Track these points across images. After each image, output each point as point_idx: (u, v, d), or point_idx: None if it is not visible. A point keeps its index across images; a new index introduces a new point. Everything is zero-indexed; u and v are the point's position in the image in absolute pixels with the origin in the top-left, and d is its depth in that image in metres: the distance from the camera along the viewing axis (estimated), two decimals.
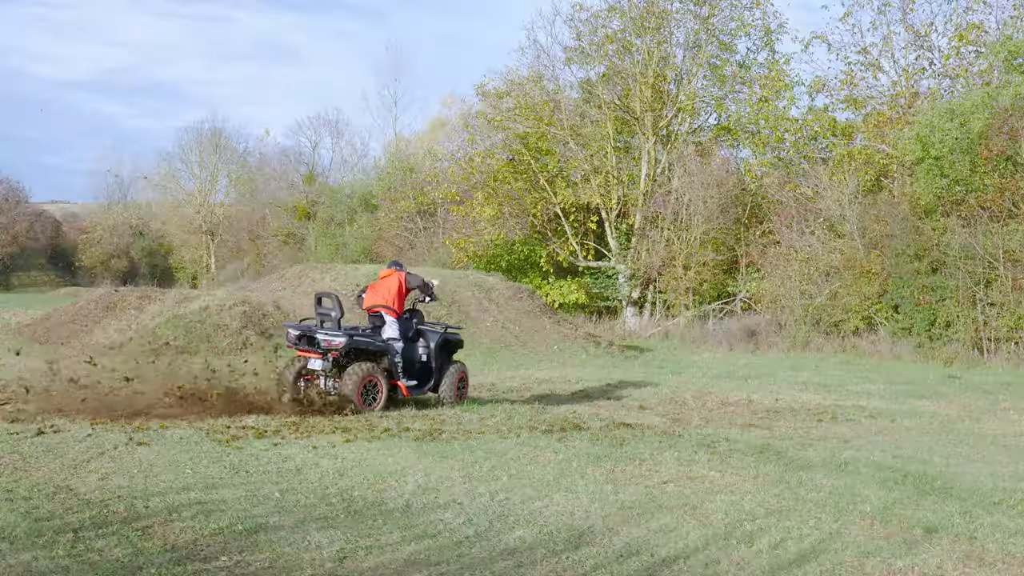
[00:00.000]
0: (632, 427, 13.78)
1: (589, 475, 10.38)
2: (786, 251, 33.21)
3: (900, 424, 15.48)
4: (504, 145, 40.10)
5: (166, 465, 10.34)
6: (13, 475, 9.66)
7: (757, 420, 15.43)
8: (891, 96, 36.40)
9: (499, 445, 12.03)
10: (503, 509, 8.82)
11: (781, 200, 35.45)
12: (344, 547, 7.51)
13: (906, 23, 36.17)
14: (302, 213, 59.52)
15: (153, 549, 7.33)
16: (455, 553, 7.50)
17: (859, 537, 8.20)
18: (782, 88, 38.73)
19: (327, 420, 13.56)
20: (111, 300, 27.30)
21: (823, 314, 30.82)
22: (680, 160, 37.83)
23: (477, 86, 42.53)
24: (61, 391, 14.54)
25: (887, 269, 29.78)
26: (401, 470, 10.37)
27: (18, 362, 18.46)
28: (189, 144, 68.98)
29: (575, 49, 40.48)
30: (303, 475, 10.06)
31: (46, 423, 12.51)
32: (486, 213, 39.39)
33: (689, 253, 36.41)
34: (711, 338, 31.79)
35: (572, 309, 37.99)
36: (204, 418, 13.25)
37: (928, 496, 9.81)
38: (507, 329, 27.47)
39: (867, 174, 34.23)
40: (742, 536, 8.12)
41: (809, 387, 20.76)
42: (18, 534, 7.57)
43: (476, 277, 31.39)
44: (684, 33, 39.66)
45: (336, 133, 64.96)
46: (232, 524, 7.99)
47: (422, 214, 48.27)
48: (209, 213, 67.82)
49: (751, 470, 10.85)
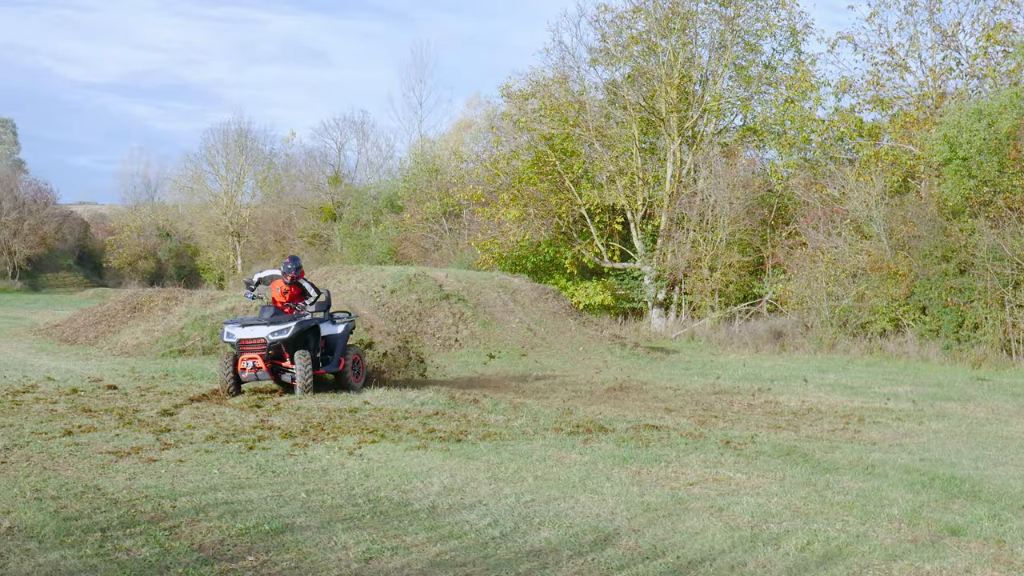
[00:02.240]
0: (658, 429, 13.76)
1: (615, 476, 10.37)
2: (812, 252, 33.05)
3: (928, 427, 15.39)
4: (529, 146, 40.09)
5: (193, 465, 10.39)
6: (42, 474, 9.73)
7: (783, 422, 15.38)
8: (918, 96, 36.18)
9: (525, 446, 12.03)
10: (529, 510, 8.83)
11: (807, 201, 35.28)
12: (370, 547, 7.53)
13: (933, 23, 35.96)
14: (328, 214, 59.67)
15: (180, 549, 7.37)
16: (481, 554, 7.51)
17: (886, 540, 8.16)
18: (808, 89, 38.55)
19: (353, 422, 13.61)
20: (138, 301, 27.46)
21: (850, 316, 30.67)
22: (706, 161, 37.73)
23: (502, 87, 42.55)
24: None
25: (914, 270, 29.60)
26: (427, 471, 10.38)
27: (47, 363, 18.58)
28: (215, 146, 69.30)
29: (600, 50, 40.45)
30: (329, 476, 10.09)
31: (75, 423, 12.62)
32: (511, 214, 39.39)
33: (715, 254, 36.31)
34: (737, 340, 31.69)
35: (597, 311, 37.93)
36: None
37: (956, 499, 9.76)
38: (532, 331, 27.47)
39: (894, 175, 34.04)
40: (768, 538, 8.09)
41: (836, 389, 20.67)
42: (47, 533, 7.63)
43: (501, 278, 31.40)
44: (709, 34, 39.59)
45: (362, 134, 65.16)
46: (259, 524, 8.02)
47: (447, 215, 48.31)
48: (235, 214, 68.07)
49: (777, 472, 10.82)
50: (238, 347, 16.31)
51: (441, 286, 28.16)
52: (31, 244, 65.93)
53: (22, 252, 65.64)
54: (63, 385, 16.98)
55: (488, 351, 25.11)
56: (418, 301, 27.19)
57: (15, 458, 10.51)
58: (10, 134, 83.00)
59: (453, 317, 26.84)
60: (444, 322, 26.56)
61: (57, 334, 26.96)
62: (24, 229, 65.49)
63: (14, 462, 10.30)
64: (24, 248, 65.61)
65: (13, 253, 65.51)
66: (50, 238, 67.93)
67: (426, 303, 27.17)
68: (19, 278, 65.54)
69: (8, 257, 65.64)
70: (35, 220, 66.40)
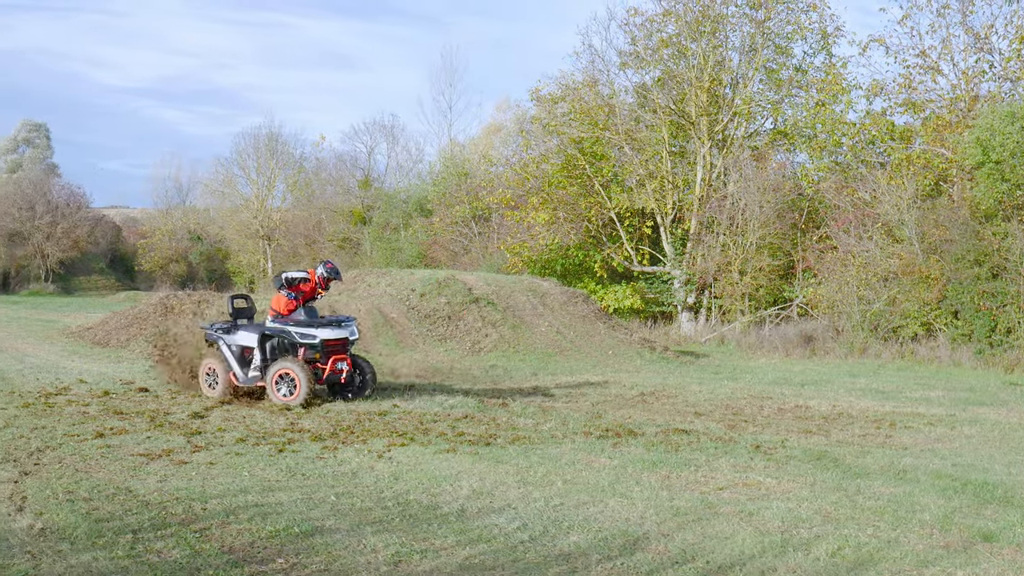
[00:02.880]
0: (687, 433, 13.72)
1: (644, 481, 10.35)
2: (843, 256, 32.88)
3: (960, 432, 15.28)
4: (559, 150, 40.07)
5: (223, 468, 10.44)
6: (74, 476, 9.81)
7: (814, 427, 15.30)
8: (950, 99, 35.93)
9: (554, 450, 12.03)
10: (557, 514, 8.82)
11: (838, 205, 35.10)
12: (399, 551, 7.55)
13: (966, 25, 35.68)
14: (357, 218, 59.81)
15: (211, 551, 7.41)
16: (509, 558, 7.51)
17: (918, 546, 8.11)
18: (839, 92, 38.33)
19: (382, 425, 13.65)
20: (169, 304, 27.62)
21: (881, 320, 30.48)
22: (736, 165, 37.60)
23: (532, 91, 42.60)
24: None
25: (946, 274, 29.40)
26: (456, 475, 10.40)
27: (79, 365, 18.72)
28: (246, 150, 69.53)
29: (630, 53, 40.37)
30: (358, 479, 10.12)
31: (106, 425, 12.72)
32: (541, 218, 39.38)
33: (745, 258, 36.18)
34: (767, 344, 31.56)
35: (627, 314, 37.87)
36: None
37: (988, 505, 9.68)
38: (562, 334, 27.45)
39: (926, 178, 33.82)
40: (798, 543, 8.06)
41: (867, 393, 20.55)
42: (79, 535, 7.69)
43: (530, 282, 31.39)
44: (740, 37, 39.43)
45: (392, 138, 65.25)
46: (288, 527, 8.06)
47: (477, 219, 48.34)
48: (266, 218, 68.31)
49: (808, 477, 10.77)
50: (322, 348, 15.82)
51: (470, 290, 28.18)
52: (64, 247, 66.49)
53: (55, 255, 66.21)
54: (95, 388, 17.11)
55: (517, 355, 25.11)
56: (447, 304, 27.22)
57: (48, 460, 10.59)
58: (43, 138, 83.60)
59: (482, 321, 26.85)
60: (473, 326, 26.58)
61: (89, 337, 27.15)
62: (57, 232, 66.07)
63: (47, 464, 10.39)
64: (57, 251, 66.18)
65: (46, 256, 66.10)
66: (83, 241, 68.45)
67: (455, 307, 27.19)
68: (52, 281, 66.12)
69: (41, 260, 66.24)
70: (68, 224, 66.94)
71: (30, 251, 66.11)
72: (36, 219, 65.82)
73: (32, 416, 13.61)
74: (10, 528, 7.86)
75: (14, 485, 9.35)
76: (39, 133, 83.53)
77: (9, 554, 7.21)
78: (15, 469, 10.09)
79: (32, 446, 11.35)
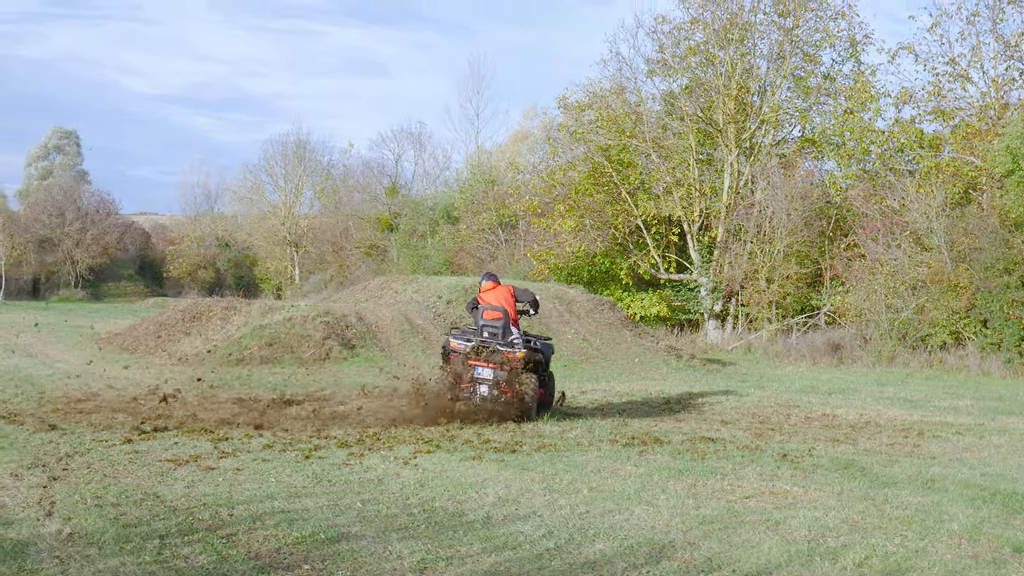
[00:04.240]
0: (714, 441, 13.68)
1: (670, 489, 10.32)
2: (871, 264, 32.73)
3: (989, 441, 15.17)
4: (586, 157, 40.08)
5: (250, 474, 10.48)
6: (102, 481, 9.87)
7: (841, 435, 15.22)
8: (980, 107, 35.75)
9: (580, 458, 12.02)
10: (583, 522, 8.81)
11: (866, 213, 34.96)
12: (425, 557, 7.55)
13: (996, 33, 35.53)
14: (385, 225, 59.94)
15: (237, 557, 7.44)
16: (535, 565, 7.50)
17: (946, 556, 8.05)
18: (868, 99, 38.19)
19: (409, 432, 13.68)
20: (197, 311, 27.74)
21: (909, 328, 30.33)
22: (763, 172, 37.52)
23: (559, 98, 42.50)
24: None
25: (975, 283, 29.23)
26: (482, 482, 10.40)
27: (108, 371, 18.82)
28: (274, 157, 69.85)
29: (657, 61, 40.36)
30: (384, 485, 10.14)
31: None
32: (567, 225, 39.39)
33: (772, 266, 36.07)
34: (794, 352, 31.44)
35: (653, 322, 37.83)
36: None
37: (1018, 515, 9.61)
38: (588, 341, 27.44)
39: (955, 187, 33.65)
40: (825, 552, 8.02)
41: (895, 402, 20.44)
42: (106, 540, 7.73)
43: (557, 289, 31.40)
44: (768, 45, 39.37)
45: (419, 146, 65.37)
46: (315, 533, 8.07)
47: (503, 226, 48.37)
48: (293, 225, 68.57)
49: (835, 486, 10.71)
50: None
51: None
52: (93, 254, 66.99)
53: (84, 261, 66.74)
54: (124, 393, 17.20)
55: None
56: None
57: (76, 465, 10.66)
58: (73, 145, 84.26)
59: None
60: None
61: (118, 343, 27.31)
62: (87, 239, 66.61)
63: (75, 469, 10.45)
64: (86, 258, 66.72)
65: (76, 262, 66.64)
66: (112, 248, 68.93)
67: None
68: (81, 287, 66.68)
69: (71, 266, 66.79)
70: (97, 230, 67.46)
71: (60, 257, 66.70)
72: (66, 226, 66.39)
73: (61, 421, 13.70)
74: (39, 533, 7.91)
75: (43, 490, 9.41)
76: (69, 140, 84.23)
77: (38, 559, 7.26)
78: (44, 474, 10.15)
79: (61, 451, 11.42)
